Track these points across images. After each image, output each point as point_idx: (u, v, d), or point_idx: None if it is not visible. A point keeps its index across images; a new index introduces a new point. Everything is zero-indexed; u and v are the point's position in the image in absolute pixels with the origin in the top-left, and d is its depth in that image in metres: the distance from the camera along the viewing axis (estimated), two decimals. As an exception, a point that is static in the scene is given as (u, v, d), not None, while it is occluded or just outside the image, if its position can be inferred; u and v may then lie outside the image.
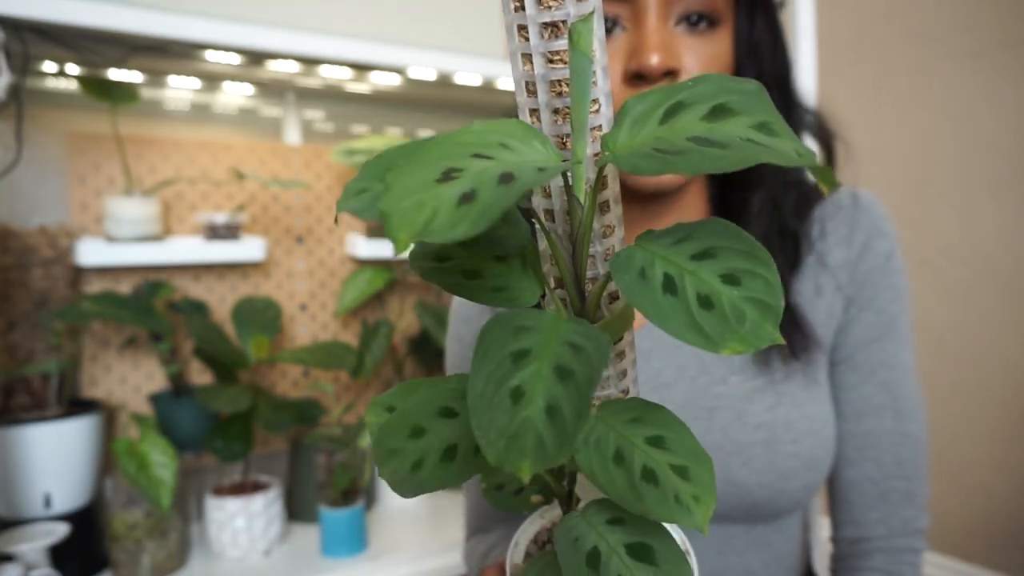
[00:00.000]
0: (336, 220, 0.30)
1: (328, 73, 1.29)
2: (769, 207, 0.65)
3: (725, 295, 0.26)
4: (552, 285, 0.37)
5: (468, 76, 1.30)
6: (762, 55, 0.63)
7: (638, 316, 0.67)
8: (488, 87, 1.37)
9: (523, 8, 0.31)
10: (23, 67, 1.08)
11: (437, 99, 1.49)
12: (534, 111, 0.34)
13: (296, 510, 1.24)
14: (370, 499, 1.30)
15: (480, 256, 0.35)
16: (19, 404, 1.06)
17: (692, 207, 0.68)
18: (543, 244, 0.37)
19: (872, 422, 0.66)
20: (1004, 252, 1.19)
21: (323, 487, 1.12)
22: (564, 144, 0.34)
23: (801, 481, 0.62)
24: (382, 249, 1.36)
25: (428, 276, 0.34)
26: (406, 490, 0.32)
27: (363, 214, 0.30)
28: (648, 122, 0.29)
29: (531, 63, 0.32)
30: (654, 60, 0.55)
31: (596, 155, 0.34)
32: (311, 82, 1.34)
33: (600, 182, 0.30)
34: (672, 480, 0.29)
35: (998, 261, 1.20)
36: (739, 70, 0.63)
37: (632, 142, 0.28)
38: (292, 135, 1.39)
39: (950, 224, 1.26)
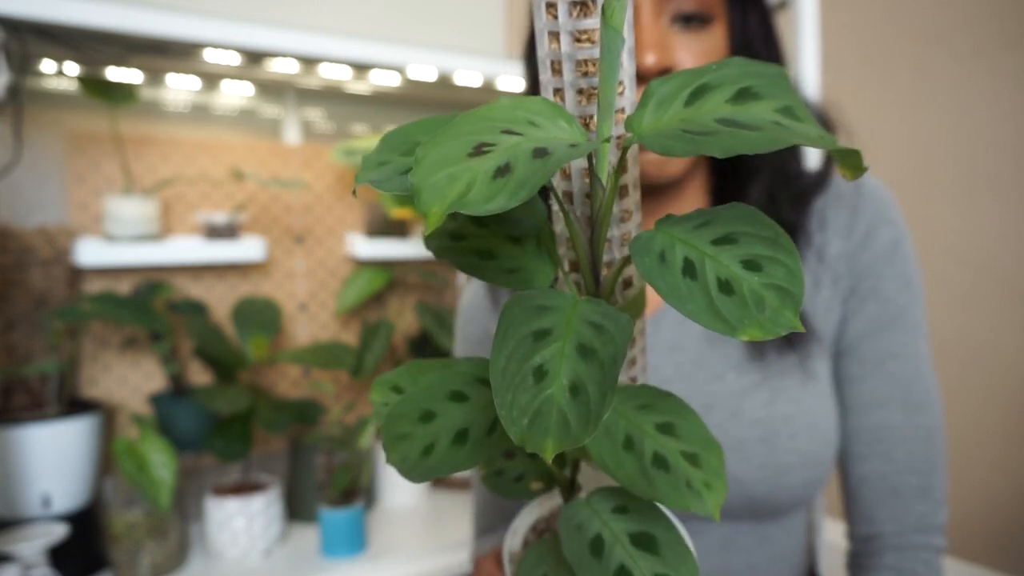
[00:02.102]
0: (354, 192, 0.29)
1: (328, 73, 1.29)
2: (766, 200, 0.65)
3: (745, 281, 0.26)
4: (567, 268, 0.37)
5: (468, 76, 1.29)
6: (756, 51, 0.64)
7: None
8: (488, 87, 1.37)
9: None
10: (22, 67, 1.08)
11: (437, 99, 1.48)
12: (558, 91, 0.34)
13: (296, 510, 1.23)
14: (370, 499, 1.30)
15: (495, 236, 0.35)
16: (18, 404, 1.06)
17: (692, 199, 0.68)
18: (559, 227, 0.37)
19: (880, 415, 0.64)
20: (1005, 252, 1.19)
21: (323, 487, 1.12)
22: (587, 125, 0.34)
23: (800, 477, 0.62)
24: (382, 249, 1.36)
25: (442, 254, 0.34)
26: (416, 475, 0.31)
27: (383, 185, 0.30)
28: (673, 103, 0.29)
29: (558, 41, 0.33)
30: (650, 59, 0.55)
31: (619, 138, 0.34)
32: (311, 82, 1.34)
33: (622, 165, 0.30)
34: (683, 466, 0.29)
35: (999, 261, 1.19)
36: None
37: (658, 123, 0.28)
38: (292, 135, 1.39)
39: (951, 224, 1.25)
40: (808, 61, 1.09)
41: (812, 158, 0.93)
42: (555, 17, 0.32)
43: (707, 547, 0.64)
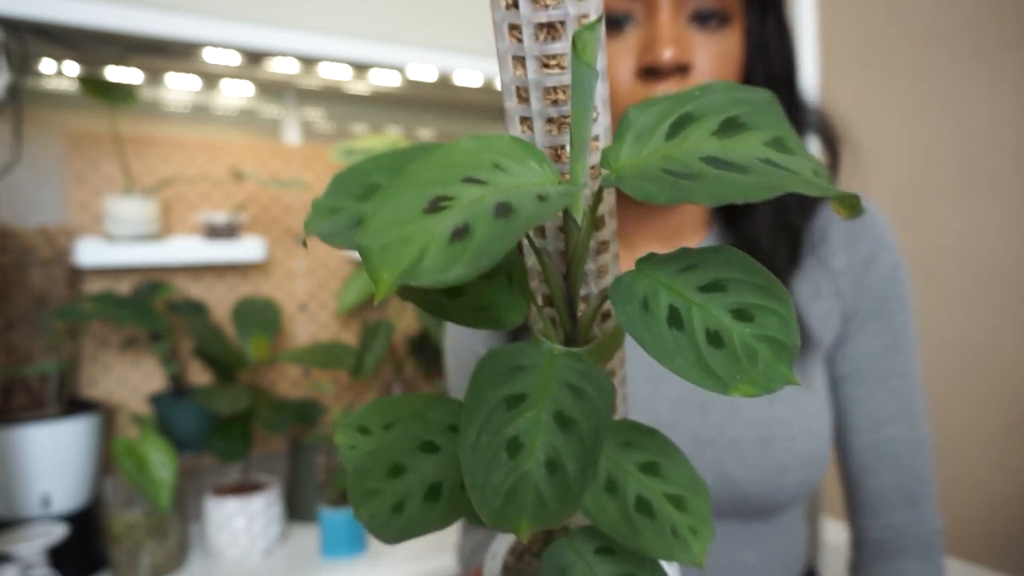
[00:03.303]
0: (304, 243, 0.27)
1: (328, 73, 1.29)
2: (774, 204, 0.65)
3: (736, 332, 0.24)
4: (540, 303, 0.34)
5: (468, 76, 1.29)
6: (771, 53, 0.64)
7: None
8: (488, 87, 1.37)
9: (516, 6, 0.28)
10: (22, 67, 1.08)
11: (437, 99, 1.48)
12: (525, 119, 0.30)
13: (296, 510, 1.23)
14: (370, 499, 1.30)
15: None
16: (18, 404, 1.06)
17: (694, 208, 0.68)
18: (531, 260, 0.34)
19: (890, 431, 0.67)
20: (1005, 252, 1.19)
21: (323, 487, 1.12)
22: (559, 156, 0.31)
23: (796, 477, 0.62)
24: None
25: (406, 295, 0.31)
26: (388, 535, 0.29)
27: (334, 240, 0.27)
28: (653, 136, 0.26)
29: (523, 67, 0.29)
30: (667, 54, 0.55)
31: (592, 167, 0.31)
32: (311, 82, 1.34)
33: (598, 197, 0.27)
34: (668, 511, 0.28)
35: (999, 261, 1.19)
36: (748, 67, 0.63)
37: (637, 159, 0.26)
38: (292, 135, 1.39)
39: (951, 224, 1.25)
40: (807, 63, 1.09)
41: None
42: (520, 40, 0.29)
43: None
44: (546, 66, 0.29)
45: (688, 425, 0.62)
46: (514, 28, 0.29)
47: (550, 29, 0.28)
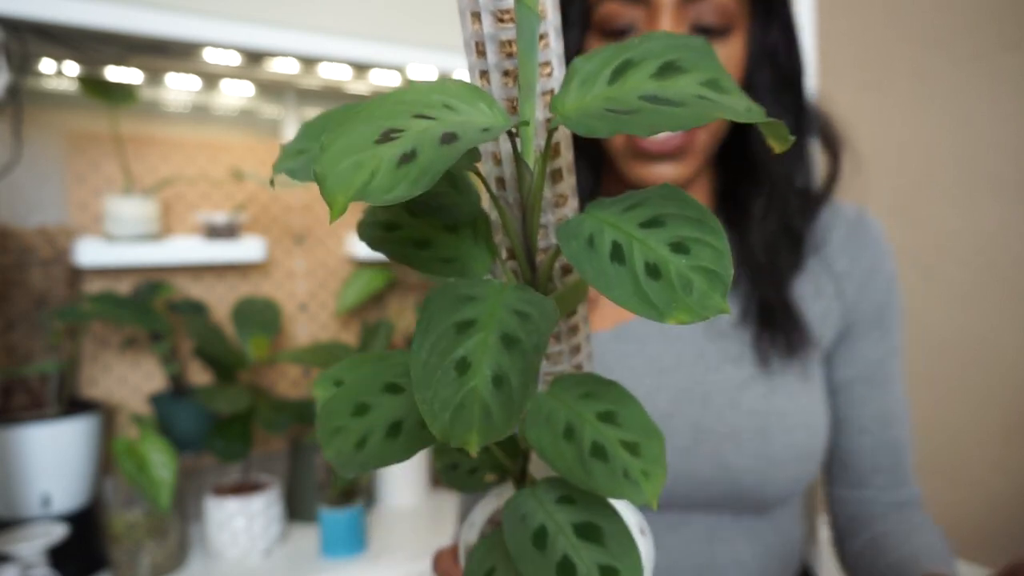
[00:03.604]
0: (272, 182, 0.29)
1: (328, 73, 1.29)
2: (777, 205, 0.66)
3: (673, 264, 0.26)
4: (504, 256, 0.36)
5: (468, 76, 1.29)
6: (776, 59, 0.65)
7: None
8: (488, 87, 1.37)
9: None
10: (22, 67, 1.08)
11: (437, 99, 1.48)
12: (484, 73, 0.33)
13: (296, 510, 1.23)
14: (370, 499, 1.30)
15: (430, 225, 0.34)
16: (18, 404, 1.06)
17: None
18: (495, 214, 0.36)
19: (894, 430, 0.70)
20: (1005, 253, 1.19)
21: (323, 487, 1.12)
22: (514, 108, 0.33)
23: (792, 471, 0.63)
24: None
25: (377, 246, 0.33)
26: (349, 468, 0.31)
27: (298, 175, 0.29)
28: (597, 81, 0.28)
29: (479, 22, 0.31)
30: None
31: (548, 120, 0.33)
32: (311, 82, 1.34)
33: (551, 148, 0.29)
34: (622, 456, 0.29)
35: (999, 261, 1.19)
36: (752, 73, 0.64)
37: (582, 102, 0.28)
38: (292, 135, 1.39)
39: (951, 225, 1.25)
40: (806, 66, 1.10)
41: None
42: None
43: (691, 539, 0.65)
44: (501, 20, 0.31)
45: (688, 415, 0.63)
46: None
47: None
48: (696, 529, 0.65)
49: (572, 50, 0.62)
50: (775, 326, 0.65)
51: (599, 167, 0.70)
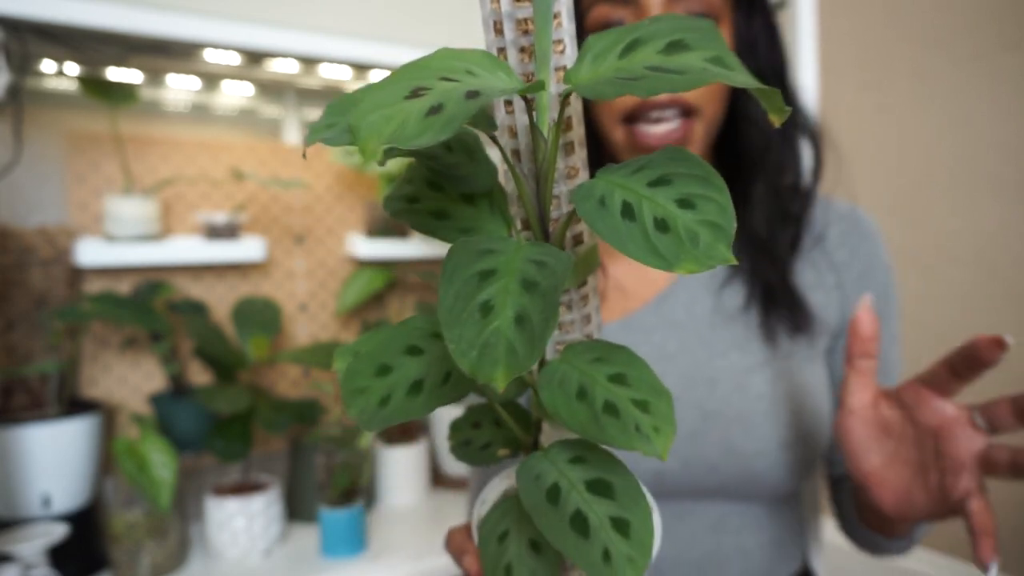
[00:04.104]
0: (304, 154, 0.30)
1: (328, 73, 1.29)
2: (772, 191, 0.69)
3: (680, 218, 0.27)
4: (519, 227, 0.38)
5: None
6: (759, 52, 0.67)
7: (638, 295, 0.71)
8: (488, 87, 1.37)
9: None
10: (22, 67, 1.08)
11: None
12: (501, 50, 0.35)
13: (296, 510, 1.23)
14: (370, 499, 1.30)
15: (449, 198, 0.36)
16: (18, 404, 1.06)
17: None
18: (510, 186, 0.38)
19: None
20: (1004, 253, 1.19)
21: (323, 487, 1.12)
22: (529, 81, 0.35)
23: (799, 454, 0.64)
24: (382, 249, 1.36)
25: (399, 216, 0.36)
26: (373, 425, 0.33)
27: (333, 141, 0.31)
28: (608, 56, 0.30)
29: (498, 1, 0.34)
30: None
31: (561, 94, 0.35)
32: (311, 82, 1.34)
33: (564, 120, 0.30)
34: (633, 412, 0.30)
35: (998, 262, 1.20)
36: None
37: (594, 74, 0.30)
38: (292, 135, 1.39)
39: (951, 225, 1.26)
40: (807, 66, 1.09)
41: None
42: None
43: (697, 528, 0.66)
44: (517, 0, 0.34)
45: (696, 398, 0.65)
46: None
47: None
48: (703, 519, 0.66)
49: None
50: (780, 306, 0.67)
51: (602, 165, 0.71)
